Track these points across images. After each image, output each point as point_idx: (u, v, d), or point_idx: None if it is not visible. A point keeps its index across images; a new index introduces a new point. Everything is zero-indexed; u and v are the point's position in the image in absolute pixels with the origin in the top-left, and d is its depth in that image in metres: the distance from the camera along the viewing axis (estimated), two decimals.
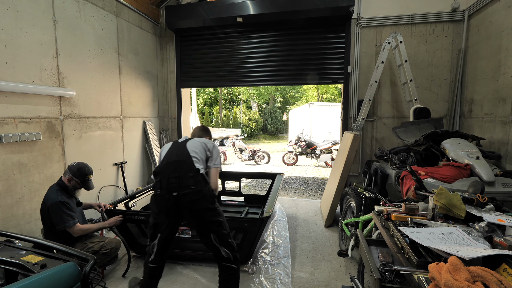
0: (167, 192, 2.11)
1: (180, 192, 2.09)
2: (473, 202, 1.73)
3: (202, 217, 2.15)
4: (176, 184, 2.10)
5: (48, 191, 2.57)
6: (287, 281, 2.69)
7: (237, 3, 4.79)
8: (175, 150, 2.31)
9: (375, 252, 1.65)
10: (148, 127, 5.26)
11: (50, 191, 2.55)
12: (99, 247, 2.60)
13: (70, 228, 2.48)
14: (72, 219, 2.50)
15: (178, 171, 2.15)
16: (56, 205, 2.45)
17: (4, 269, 1.47)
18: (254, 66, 5.37)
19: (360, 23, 4.68)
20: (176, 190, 2.10)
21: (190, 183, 2.11)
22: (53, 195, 2.50)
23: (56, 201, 2.46)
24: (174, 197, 2.10)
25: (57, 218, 2.45)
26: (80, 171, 2.64)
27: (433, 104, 4.54)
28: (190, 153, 2.25)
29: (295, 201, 5.39)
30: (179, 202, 2.11)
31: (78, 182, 2.63)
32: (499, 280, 0.98)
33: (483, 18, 3.89)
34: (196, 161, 2.22)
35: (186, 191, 2.09)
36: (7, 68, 2.84)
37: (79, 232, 2.53)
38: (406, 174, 2.75)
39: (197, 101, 23.72)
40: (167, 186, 2.12)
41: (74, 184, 2.63)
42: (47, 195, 2.53)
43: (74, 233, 2.51)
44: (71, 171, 2.62)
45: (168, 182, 2.12)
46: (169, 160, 2.25)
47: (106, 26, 4.17)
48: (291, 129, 18.06)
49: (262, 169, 9.79)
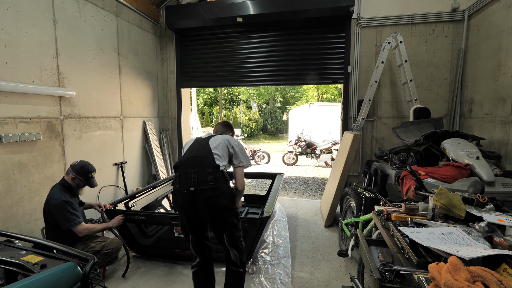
0: (185, 186, 2.04)
1: (198, 188, 2.02)
2: (473, 202, 1.73)
3: (218, 216, 2.07)
4: (194, 179, 2.04)
5: (52, 190, 2.57)
6: (287, 281, 2.69)
7: (237, 3, 4.79)
8: (197, 146, 2.26)
9: (375, 252, 1.65)
10: (148, 127, 5.26)
11: (53, 191, 2.56)
12: (101, 247, 2.60)
13: (75, 227, 2.49)
14: (77, 218, 2.52)
15: (197, 166, 2.09)
16: (60, 205, 2.46)
17: (4, 269, 1.47)
18: (254, 66, 5.37)
19: (360, 23, 4.68)
20: (193, 185, 2.03)
21: (208, 178, 2.04)
22: (56, 195, 2.51)
23: (61, 201, 2.47)
24: (192, 192, 2.03)
25: (62, 217, 2.46)
26: (83, 169, 2.65)
27: (433, 104, 4.54)
28: (212, 149, 2.18)
29: (295, 201, 5.39)
30: (196, 198, 2.03)
31: (82, 180, 2.65)
32: (499, 280, 0.98)
33: (483, 18, 3.89)
34: (217, 158, 2.14)
35: (204, 186, 2.02)
36: (7, 68, 2.84)
37: (84, 231, 2.54)
38: (406, 174, 2.75)
39: (197, 101, 23.71)
40: (185, 180, 2.06)
41: (78, 183, 2.65)
42: (50, 195, 2.53)
43: (80, 232, 2.52)
44: (74, 169, 2.63)
45: (186, 177, 2.06)
46: (190, 155, 2.20)
47: (106, 26, 4.17)
48: (291, 129, 18.05)
49: (262, 169, 9.79)
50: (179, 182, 2.09)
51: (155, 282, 2.72)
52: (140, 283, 2.71)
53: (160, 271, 2.92)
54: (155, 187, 3.94)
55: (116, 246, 2.69)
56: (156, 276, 2.83)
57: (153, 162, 5.30)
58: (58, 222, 2.47)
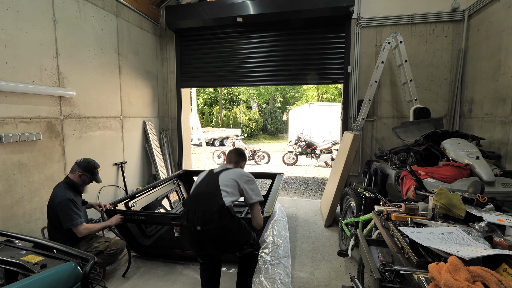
0: (192, 225, 2.03)
1: (204, 227, 2.00)
2: (473, 202, 1.73)
3: (227, 249, 2.10)
4: (201, 218, 2.02)
5: (56, 189, 2.59)
6: (287, 281, 2.69)
7: (237, 3, 4.79)
8: (206, 180, 2.24)
9: (375, 252, 1.65)
10: (148, 127, 5.26)
11: (57, 189, 2.57)
12: (105, 247, 2.61)
13: (76, 227, 2.50)
14: (79, 217, 2.54)
15: (204, 204, 2.07)
16: (65, 203, 2.48)
17: (4, 269, 1.47)
18: (254, 66, 5.37)
19: (360, 23, 4.68)
20: (200, 224, 2.01)
21: (214, 218, 2.01)
22: (61, 193, 2.53)
23: (65, 199, 2.49)
24: (198, 231, 2.01)
25: (65, 216, 2.47)
26: (89, 165, 2.71)
27: (433, 104, 4.54)
28: (221, 186, 2.14)
29: (295, 201, 5.39)
30: (203, 237, 2.02)
31: (88, 177, 2.71)
32: (499, 280, 0.98)
33: (483, 18, 3.89)
34: (225, 194, 2.10)
35: (210, 226, 2.00)
36: (7, 68, 2.84)
37: (84, 231, 2.55)
38: (406, 174, 2.75)
39: (197, 101, 23.73)
40: (192, 218, 2.05)
41: (85, 179, 2.70)
42: (55, 193, 2.55)
43: (80, 233, 2.53)
44: (81, 166, 2.68)
45: (194, 215, 2.05)
46: (198, 191, 2.19)
47: (106, 26, 4.17)
48: (291, 129, 18.07)
49: (262, 169, 9.79)
50: (186, 219, 2.09)
51: (155, 282, 2.72)
52: (140, 283, 2.71)
53: (160, 271, 2.92)
54: (155, 187, 3.94)
55: (120, 247, 2.69)
56: (156, 276, 2.83)
57: (153, 162, 5.30)
58: (61, 220, 2.48)
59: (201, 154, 13.04)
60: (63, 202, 2.47)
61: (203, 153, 12.16)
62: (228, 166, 2.37)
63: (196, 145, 14.73)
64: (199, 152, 13.65)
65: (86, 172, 2.68)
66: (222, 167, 2.36)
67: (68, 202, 2.49)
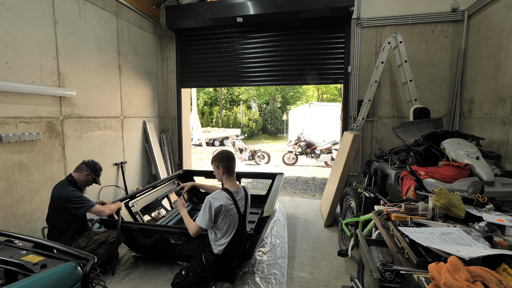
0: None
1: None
2: (473, 202, 1.73)
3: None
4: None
5: (58, 185, 2.64)
6: (282, 281, 2.69)
7: (237, 3, 4.79)
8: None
9: (375, 252, 1.65)
10: (148, 127, 5.26)
11: (60, 185, 2.63)
12: (105, 237, 2.67)
13: (92, 207, 2.58)
14: (89, 201, 2.62)
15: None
16: (71, 194, 2.56)
17: (5, 269, 1.47)
18: (254, 66, 5.37)
19: (360, 23, 4.68)
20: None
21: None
22: (64, 187, 2.60)
23: (70, 191, 2.57)
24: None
25: (77, 203, 2.55)
26: (96, 167, 2.82)
27: (433, 104, 4.54)
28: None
29: (295, 201, 5.39)
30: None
31: (93, 177, 2.81)
32: (499, 280, 0.99)
33: (483, 18, 3.89)
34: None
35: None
36: (7, 68, 2.84)
37: (100, 212, 2.62)
38: (406, 174, 2.75)
39: (197, 101, 23.72)
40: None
41: (89, 179, 2.79)
42: (57, 190, 2.60)
43: (98, 212, 2.61)
44: (89, 166, 2.77)
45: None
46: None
47: (106, 26, 4.17)
48: (291, 129, 18.06)
49: (262, 169, 9.79)
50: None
51: (155, 282, 2.72)
52: (140, 283, 2.71)
53: (160, 271, 2.91)
54: (155, 187, 3.93)
55: (120, 233, 2.74)
56: (156, 276, 2.82)
57: (153, 162, 5.30)
58: (74, 211, 2.55)
59: (201, 154, 13.03)
60: (69, 194, 2.56)
61: (203, 153, 12.15)
62: (235, 189, 2.43)
63: (196, 145, 14.72)
64: (199, 152, 13.65)
65: (93, 172, 2.78)
66: (239, 198, 2.42)
67: (74, 192, 2.59)
